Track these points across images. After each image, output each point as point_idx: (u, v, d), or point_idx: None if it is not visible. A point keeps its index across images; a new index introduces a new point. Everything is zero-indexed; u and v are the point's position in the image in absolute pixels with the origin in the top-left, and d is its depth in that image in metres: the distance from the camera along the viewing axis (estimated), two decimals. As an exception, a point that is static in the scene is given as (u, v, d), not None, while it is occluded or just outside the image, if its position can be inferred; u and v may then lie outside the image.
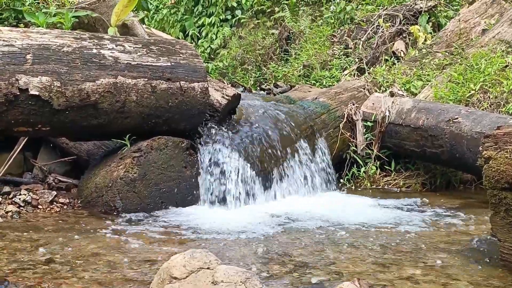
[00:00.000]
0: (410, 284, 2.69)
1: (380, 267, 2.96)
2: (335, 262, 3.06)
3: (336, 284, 2.60)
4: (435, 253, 3.27)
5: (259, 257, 3.12)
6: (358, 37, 8.56)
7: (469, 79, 5.89)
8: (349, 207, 4.61)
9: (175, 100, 4.37)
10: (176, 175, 4.32)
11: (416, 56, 7.37)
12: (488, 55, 6.18)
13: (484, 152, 3.01)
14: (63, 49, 3.97)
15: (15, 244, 3.19)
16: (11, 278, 2.60)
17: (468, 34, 7.50)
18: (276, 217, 4.15)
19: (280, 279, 2.73)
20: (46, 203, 4.17)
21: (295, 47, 9.16)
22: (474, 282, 2.73)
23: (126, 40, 4.37)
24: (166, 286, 2.05)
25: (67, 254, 3.05)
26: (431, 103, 5.63)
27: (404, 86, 6.53)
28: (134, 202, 4.12)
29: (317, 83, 8.03)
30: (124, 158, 4.22)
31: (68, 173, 4.99)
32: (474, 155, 4.59)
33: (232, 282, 2.02)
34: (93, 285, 2.57)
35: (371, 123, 5.82)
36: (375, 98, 5.98)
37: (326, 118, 5.80)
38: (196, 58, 4.57)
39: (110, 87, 4.07)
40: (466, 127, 5.00)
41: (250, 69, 9.65)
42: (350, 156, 5.84)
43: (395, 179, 5.70)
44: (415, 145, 5.48)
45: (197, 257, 2.12)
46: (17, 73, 3.74)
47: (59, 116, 3.93)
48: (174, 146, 4.36)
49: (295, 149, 5.08)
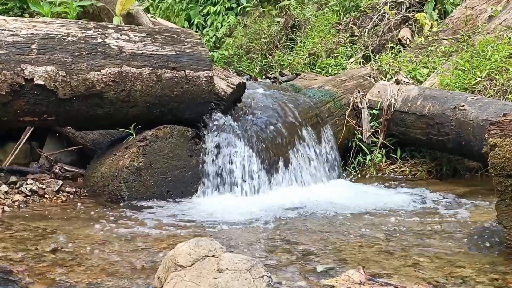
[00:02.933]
0: (415, 272, 2.69)
1: (385, 255, 2.97)
2: (340, 250, 3.06)
3: (341, 272, 2.61)
4: (440, 241, 3.27)
5: (264, 245, 3.13)
6: (364, 25, 8.52)
7: (475, 66, 5.86)
8: (355, 195, 4.62)
9: (180, 89, 4.37)
10: (181, 164, 4.33)
11: (422, 44, 7.34)
12: (494, 42, 6.15)
13: (490, 139, 3.00)
14: (68, 38, 3.97)
15: (22, 233, 3.21)
16: (17, 267, 2.62)
17: (475, 21, 7.45)
18: (282, 205, 4.16)
19: (285, 267, 2.74)
20: (52, 192, 4.19)
21: (300, 35, 9.13)
22: (480, 269, 2.73)
23: (131, 29, 4.37)
24: (172, 274, 2.06)
25: (74, 243, 3.07)
26: (437, 91, 5.61)
27: (410, 73, 6.51)
28: (140, 191, 4.13)
29: (322, 71, 8.00)
30: (129, 147, 4.23)
31: (74, 162, 5.01)
32: (480, 142, 4.59)
33: (237, 269, 2.03)
34: (100, 273, 2.58)
35: (376, 111, 5.81)
36: (380, 86, 5.96)
37: (331, 106, 5.80)
38: (201, 47, 4.56)
39: (115, 76, 4.07)
40: (472, 114, 4.98)
41: (256, 58, 9.62)
42: (356, 144, 5.84)
43: (400, 167, 5.69)
44: (421, 132, 5.47)
45: (202, 245, 2.13)
46: (22, 63, 3.75)
47: (65, 106, 3.94)
48: (179, 135, 4.36)
49: (301, 137, 5.08)
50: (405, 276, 2.62)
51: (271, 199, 4.36)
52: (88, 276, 2.55)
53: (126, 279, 2.52)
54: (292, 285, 2.48)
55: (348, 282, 2.48)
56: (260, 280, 2.02)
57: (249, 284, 2.00)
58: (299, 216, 3.90)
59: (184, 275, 2.04)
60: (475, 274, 2.66)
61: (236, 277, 2.01)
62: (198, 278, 2.03)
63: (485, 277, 2.62)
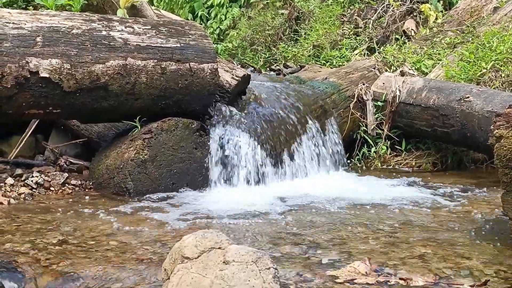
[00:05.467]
0: (421, 263, 2.69)
1: (391, 246, 2.97)
2: (346, 242, 3.06)
3: (347, 264, 2.61)
4: (446, 232, 3.27)
5: (270, 237, 3.13)
6: (368, 16, 8.49)
7: (480, 57, 5.84)
8: (360, 187, 4.61)
9: (184, 81, 4.36)
10: (186, 156, 4.33)
11: (427, 35, 7.32)
12: (500, 33, 6.12)
13: (496, 131, 3.00)
14: (72, 31, 3.97)
15: (28, 226, 3.22)
16: (23, 258, 2.63)
17: (480, 12, 7.42)
18: (287, 197, 4.16)
19: (291, 259, 2.74)
20: (58, 185, 4.20)
21: (304, 27, 9.10)
22: (485, 261, 2.73)
23: (135, 22, 4.36)
24: (178, 265, 2.07)
25: (80, 235, 3.08)
26: (442, 82, 5.60)
27: (414, 65, 6.49)
28: (145, 184, 4.14)
29: (327, 63, 7.99)
30: (134, 140, 4.23)
31: (79, 155, 5.02)
32: (486, 134, 4.58)
33: (243, 261, 2.03)
34: (106, 265, 2.59)
35: (381, 103, 5.80)
36: (385, 78, 5.95)
37: (336, 98, 5.79)
38: (206, 39, 4.55)
39: (120, 68, 4.07)
40: (478, 106, 4.97)
41: (260, 50, 9.60)
42: (361, 136, 5.83)
43: (405, 159, 5.69)
44: (426, 124, 5.46)
45: (208, 237, 2.13)
46: (27, 55, 3.75)
47: (70, 99, 3.95)
48: (184, 127, 4.36)
49: (306, 129, 5.08)
50: (411, 267, 2.62)
51: (276, 191, 4.36)
52: (94, 268, 2.55)
53: (132, 271, 2.52)
54: (298, 277, 2.49)
55: (354, 274, 2.49)
56: (266, 272, 2.03)
57: (255, 276, 2.00)
58: (304, 208, 3.90)
59: (191, 267, 2.05)
60: (481, 265, 2.66)
61: (242, 269, 2.01)
62: (204, 270, 2.03)
63: (491, 268, 2.62)
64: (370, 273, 2.50)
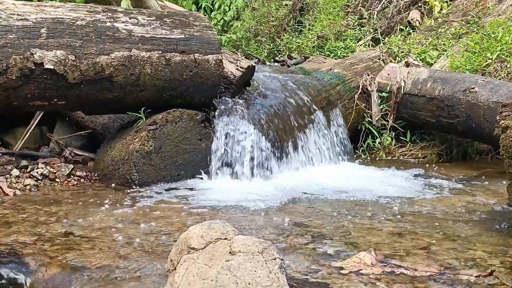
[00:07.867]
0: (426, 254, 2.69)
1: (396, 237, 2.97)
2: (351, 233, 3.06)
3: (352, 254, 2.61)
4: (451, 223, 3.27)
5: (276, 228, 3.13)
6: (373, 7, 8.47)
7: (485, 48, 5.82)
8: (365, 178, 4.61)
9: (189, 72, 4.36)
10: (191, 147, 4.33)
11: (432, 26, 7.29)
12: (505, 24, 6.10)
13: (502, 121, 2.99)
14: (77, 22, 3.97)
15: (34, 217, 3.23)
16: (30, 249, 2.64)
17: (485, 2, 7.39)
18: (292, 188, 4.16)
19: (296, 249, 2.75)
20: (63, 176, 4.21)
21: (309, 18, 9.08)
22: (491, 251, 2.73)
23: (140, 13, 4.35)
24: (184, 256, 2.07)
25: (85, 226, 3.08)
26: (447, 73, 5.58)
27: (419, 56, 6.48)
28: (150, 175, 4.14)
29: (331, 54, 7.98)
30: (139, 131, 4.24)
31: (84, 146, 5.03)
32: (491, 125, 4.56)
33: (249, 252, 2.03)
34: (111, 256, 2.60)
35: (386, 94, 5.79)
36: (390, 69, 5.93)
37: (341, 89, 5.78)
38: (210, 30, 4.55)
39: (125, 60, 4.07)
40: (483, 96, 4.95)
41: (264, 41, 9.58)
42: (365, 127, 5.83)
43: (410, 150, 5.68)
44: (430, 115, 5.44)
45: (215, 227, 2.13)
46: (32, 47, 3.75)
47: (74, 90, 3.95)
48: (189, 118, 4.36)
49: (310, 120, 5.07)
50: (416, 258, 2.62)
51: (281, 182, 4.36)
52: (100, 259, 2.56)
53: (138, 261, 2.53)
54: (303, 267, 2.49)
55: (359, 264, 2.49)
56: (272, 262, 2.02)
57: (261, 267, 2.00)
58: (309, 199, 3.91)
59: (197, 258, 2.05)
60: (486, 256, 2.66)
61: (248, 259, 2.01)
62: (210, 260, 2.04)
63: (496, 259, 2.62)
64: (376, 264, 2.50)
